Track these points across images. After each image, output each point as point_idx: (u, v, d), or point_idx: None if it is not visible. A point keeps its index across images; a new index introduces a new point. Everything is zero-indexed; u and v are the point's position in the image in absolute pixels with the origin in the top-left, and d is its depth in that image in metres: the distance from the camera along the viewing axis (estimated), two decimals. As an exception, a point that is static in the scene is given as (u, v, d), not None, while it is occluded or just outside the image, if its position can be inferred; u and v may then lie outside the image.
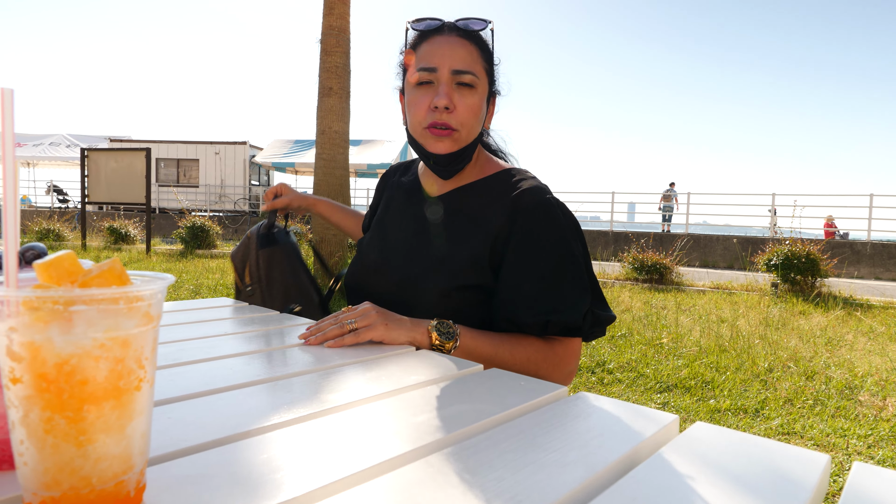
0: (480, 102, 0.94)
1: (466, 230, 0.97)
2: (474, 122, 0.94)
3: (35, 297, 0.31)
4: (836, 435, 2.31)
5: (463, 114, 0.93)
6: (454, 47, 0.93)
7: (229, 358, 0.74)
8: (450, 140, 0.94)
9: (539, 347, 0.89)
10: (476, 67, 0.93)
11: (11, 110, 0.29)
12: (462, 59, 0.92)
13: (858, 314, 5.05)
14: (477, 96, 0.94)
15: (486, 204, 0.98)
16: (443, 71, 0.92)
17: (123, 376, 0.34)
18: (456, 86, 0.93)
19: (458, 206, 1.00)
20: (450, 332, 0.85)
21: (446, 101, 0.91)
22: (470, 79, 0.92)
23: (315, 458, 0.45)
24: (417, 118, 0.95)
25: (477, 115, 0.94)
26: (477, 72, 0.93)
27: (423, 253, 0.98)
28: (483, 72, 0.95)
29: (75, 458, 0.33)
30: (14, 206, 0.32)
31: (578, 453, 0.47)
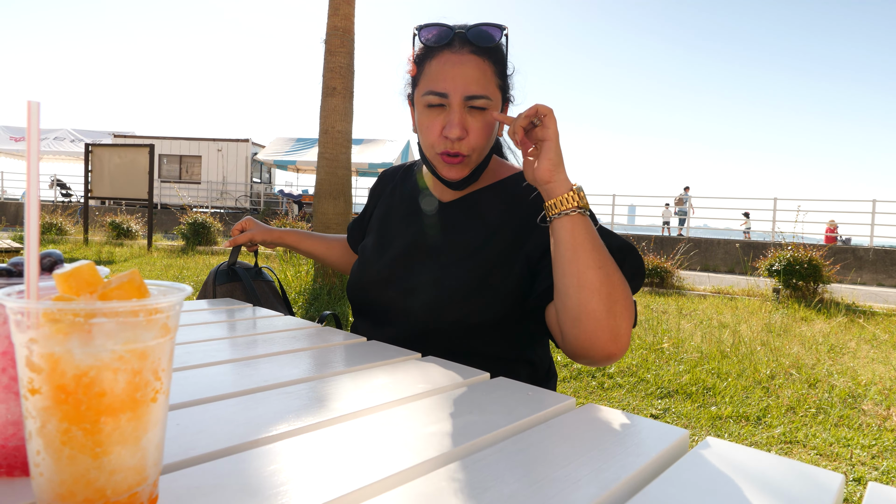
0: (491, 120, 0.91)
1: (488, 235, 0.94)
2: (486, 143, 0.92)
3: (56, 309, 0.31)
4: (840, 445, 2.31)
5: (475, 139, 0.90)
6: (466, 69, 0.87)
7: (236, 362, 0.74)
8: (461, 166, 0.92)
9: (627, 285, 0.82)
10: (489, 89, 0.89)
11: (38, 123, 0.28)
12: (475, 81, 0.87)
13: (861, 321, 5.04)
14: (488, 115, 0.90)
15: (505, 206, 0.96)
16: (454, 97, 0.87)
17: (140, 388, 0.34)
18: (468, 109, 0.89)
19: (473, 211, 0.98)
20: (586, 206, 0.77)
21: (459, 131, 0.87)
22: (483, 102, 0.88)
23: (324, 470, 0.44)
24: (429, 142, 0.92)
25: (489, 136, 0.92)
26: (490, 93, 0.89)
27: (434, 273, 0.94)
28: (496, 90, 0.91)
29: (91, 470, 0.33)
30: (36, 219, 0.32)
31: (590, 468, 0.47)
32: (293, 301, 4.59)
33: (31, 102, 0.28)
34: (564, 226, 0.76)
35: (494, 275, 0.91)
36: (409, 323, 0.94)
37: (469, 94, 0.87)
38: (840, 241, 13.34)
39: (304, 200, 17.27)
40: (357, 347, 0.85)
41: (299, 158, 17.60)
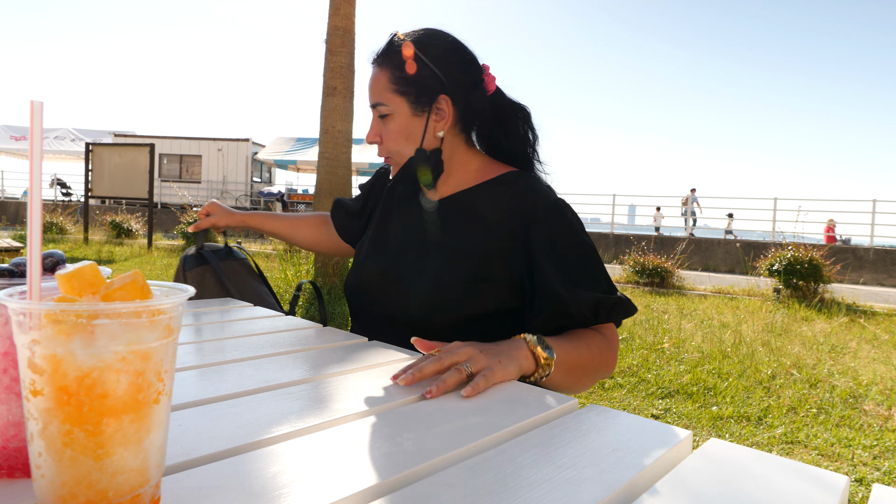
0: (402, 124, 0.96)
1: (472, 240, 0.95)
2: (400, 146, 0.98)
3: (59, 310, 0.31)
4: (841, 445, 2.31)
5: (388, 143, 0.98)
6: (371, 81, 0.98)
7: (238, 363, 0.74)
8: (394, 165, 1.01)
9: (597, 336, 0.88)
10: (384, 95, 0.96)
11: (41, 123, 0.28)
12: (373, 91, 0.97)
13: (862, 321, 5.04)
14: (396, 121, 0.96)
15: (495, 205, 0.97)
16: (371, 105, 0.99)
17: (143, 389, 0.34)
18: (380, 118, 0.98)
19: (461, 211, 0.99)
20: (548, 345, 0.77)
21: (370, 136, 0.99)
22: (383, 109, 0.97)
23: (327, 471, 0.44)
24: None
25: (402, 138, 0.97)
26: (386, 99, 0.96)
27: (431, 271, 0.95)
28: (393, 94, 0.95)
29: (93, 472, 0.33)
30: (39, 219, 0.32)
31: (593, 470, 0.46)
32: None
33: (34, 102, 0.28)
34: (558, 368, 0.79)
35: (490, 271, 0.92)
36: (406, 321, 0.95)
37: (371, 104, 0.98)
38: (840, 240, 13.33)
39: (294, 199, 17.22)
40: (359, 348, 0.85)
41: (300, 158, 17.60)
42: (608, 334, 0.91)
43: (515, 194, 0.97)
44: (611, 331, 0.92)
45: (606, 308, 0.89)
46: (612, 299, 0.88)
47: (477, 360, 0.69)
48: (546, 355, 0.75)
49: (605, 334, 0.91)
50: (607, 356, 0.89)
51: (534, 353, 0.75)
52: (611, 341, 0.91)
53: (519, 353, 0.74)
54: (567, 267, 0.90)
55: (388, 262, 1.02)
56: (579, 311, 0.87)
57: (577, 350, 0.82)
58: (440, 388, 0.63)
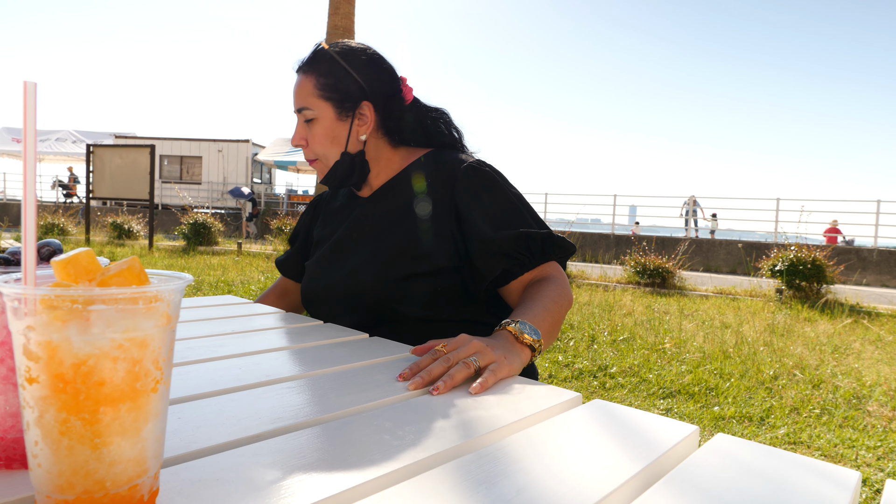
0: (328, 128, 1.00)
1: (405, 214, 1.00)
2: (327, 148, 1.01)
3: (54, 295, 0.30)
4: (845, 446, 2.29)
5: (314, 146, 1.01)
6: (296, 87, 1.01)
7: (237, 357, 0.73)
8: (318, 168, 1.04)
9: (549, 284, 0.91)
10: (308, 100, 0.99)
11: (35, 104, 0.28)
12: (298, 96, 1.00)
13: (866, 322, 5.02)
14: (322, 125, 0.99)
15: (417, 185, 1.02)
16: (296, 110, 1.02)
17: (140, 378, 0.33)
18: (305, 123, 1.01)
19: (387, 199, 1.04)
20: (532, 329, 0.79)
21: (296, 140, 1.02)
22: (308, 114, 1.00)
23: (327, 465, 0.44)
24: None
25: (327, 141, 1.00)
26: (310, 104, 0.99)
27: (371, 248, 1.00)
28: (318, 99, 0.99)
29: (90, 461, 0.32)
30: (33, 204, 0.31)
31: (600, 464, 0.46)
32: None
33: (27, 83, 0.27)
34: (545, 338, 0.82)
35: (416, 245, 0.96)
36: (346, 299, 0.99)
37: (296, 109, 1.01)
38: (843, 241, 13.28)
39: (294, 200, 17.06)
40: (358, 343, 0.84)
41: (300, 159, 17.60)
42: (553, 274, 0.94)
43: (437, 166, 1.02)
44: (554, 269, 0.95)
45: (538, 241, 0.92)
46: (540, 234, 0.93)
47: (485, 355, 0.69)
48: (533, 338, 0.77)
49: (552, 275, 0.94)
50: (565, 295, 0.91)
51: (524, 343, 0.77)
52: (559, 279, 0.93)
53: (515, 346, 0.75)
54: (492, 214, 0.95)
55: (319, 259, 1.07)
56: (511, 248, 0.91)
57: (548, 310, 0.85)
58: (447, 384, 0.63)
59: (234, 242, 10.42)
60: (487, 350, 0.70)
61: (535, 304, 0.85)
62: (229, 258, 8.02)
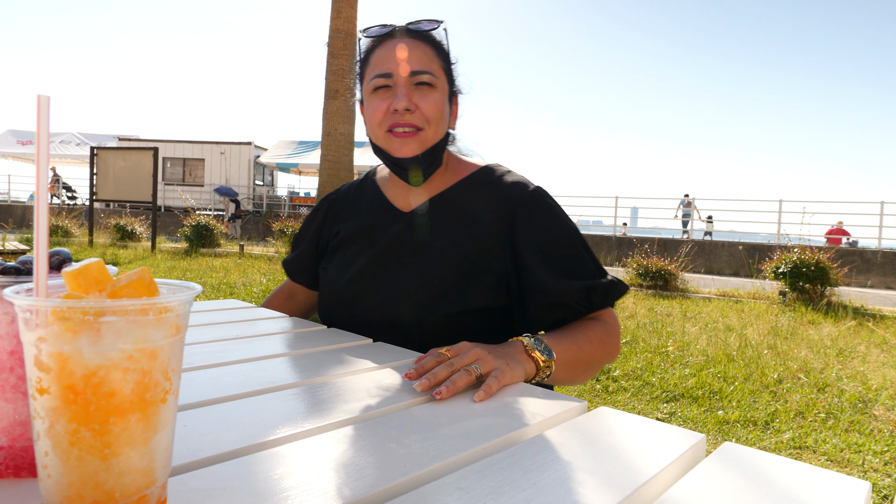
0: (442, 100, 0.93)
1: (458, 240, 0.93)
2: (439, 119, 0.92)
3: (65, 307, 0.30)
4: (851, 450, 2.28)
5: (427, 111, 0.90)
6: (408, 49, 0.92)
7: (242, 363, 0.73)
8: (415, 142, 0.91)
9: (597, 325, 0.88)
10: (432, 66, 0.92)
11: (48, 117, 0.28)
12: (417, 59, 0.91)
13: (870, 325, 5.00)
14: (437, 93, 0.92)
15: (474, 204, 0.95)
16: (399, 74, 0.90)
17: (150, 388, 0.33)
18: (415, 87, 0.91)
19: (439, 216, 0.96)
20: (547, 348, 0.76)
21: (405, 102, 0.89)
22: (428, 77, 0.91)
23: (334, 473, 0.44)
24: (375, 122, 0.92)
25: (441, 112, 0.92)
26: (434, 70, 0.92)
27: (418, 275, 0.92)
28: (440, 70, 0.93)
29: (99, 472, 0.33)
30: (45, 216, 0.31)
31: (607, 474, 0.46)
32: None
33: (41, 96, 0.27)
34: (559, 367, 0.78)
35: (476, 268, 0.91)
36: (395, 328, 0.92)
37: (413, 70, 0.90)
38: (848, 243, 13.22)
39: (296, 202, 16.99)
40: (364, 349, 0.84)
41: (302, 161, 17.64)
42: (607, 320, 0.91)
43: (493, 190, 0.96)
44: (609, 315, 0.92)
45: (599, 293, 0.89)
46: (603, 284, 0.89)
47: (486, 362, 0.68)
48: (545, 358, 0.75)
49: (605, 320, 0.90)
50: (609, 343, 0.88)
51: (532, 357, 0.75)
52: (611, 326, 0.90)
53: (521, 356, 0.74)
54: (554, 257, 0.90)
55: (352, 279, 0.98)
56: (572, 300, 0.87)
57: (578, 345, 0.82)
58: (450, 390, 0.63)
59: (236, 244, 10.44)
60: (489, 357, 0.69)
61: (565, 335, 0.83)
62: (231, 260, 8.03)
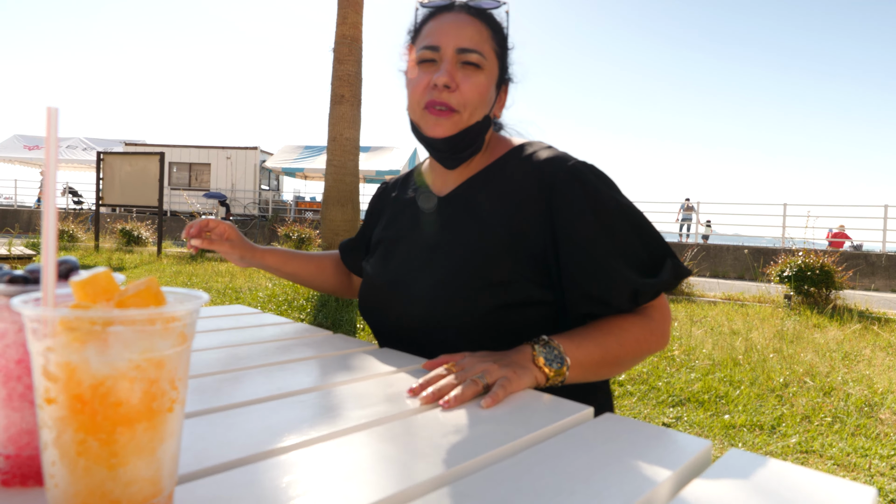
0: (488, 84, 0.88)
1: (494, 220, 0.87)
2: (479, 104, 0.87)
3: (73, 316, 0.30)
4: (857, 455, 2.26)
5: (467, 93, 0.86)
6: (461, 25, 0.87)
7: (249, 370, 0.74)
8: (449, 122, 0.87)
9: (638, 322, 0.82)
10: (484, 47, 0.87)
11: (56, 129, 0.28)
12: (469, 37, 0.86)
13: (876, 328, 4.97)
14: (483, 76, 0.87)
15: (507, 184, 0.89)
16: (446, 49, 0.86)
17: (157, 398, 0.34)
18: (460, 65, 0.86)
19: (473, 198, 0.91)
20: (558, 357, 0.73)
21: (446, 78, 0.84)
22: (476, 58, 0.86)
23: (340, 481, 0.44)
24: (415, 97, 0.89)
25: (483, 97, 0.87)
26: (485, 52, 0.87)
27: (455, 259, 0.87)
28: (492, 53, 0.88)
29: (106, 481, 0.33)
30: (53, 225, 0.32)
31: (613, 481, 0.45)
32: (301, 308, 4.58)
33: (50, 108, 0.28)
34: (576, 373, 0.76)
35: (491, 265, 0.84)
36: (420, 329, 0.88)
37: (462, 47, 0.86)
38: (852, 246, 13.15)
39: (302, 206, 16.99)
40: (370, 355, 0.84)
41: (307, 166, 17.70)
42: (652, 313, 0.83)
43: (530, 165, 0.88)
44: (656, 309, 0.84)
45: (648, 295, 0.80)
46: (652, 284, 0.80)
47: (492, 372, 0.68)
48: (553, 370, 0.72)
49: (649, 314, 0.83)
50: (650, 341, 0.82)
51: (537, 363, 0.72)
52: (654, 321, 0.83)
53: (528, 364, 0.72)
54: (594, 246, 0.81)
55: (394, 269, 0.95)
56: (612, 298, 0.80)
57: (603, 348, 0.77)
58: (457, 399, 0.62)
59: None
60: (494, 367, 0.68)
61: (589, 336, 0.78)
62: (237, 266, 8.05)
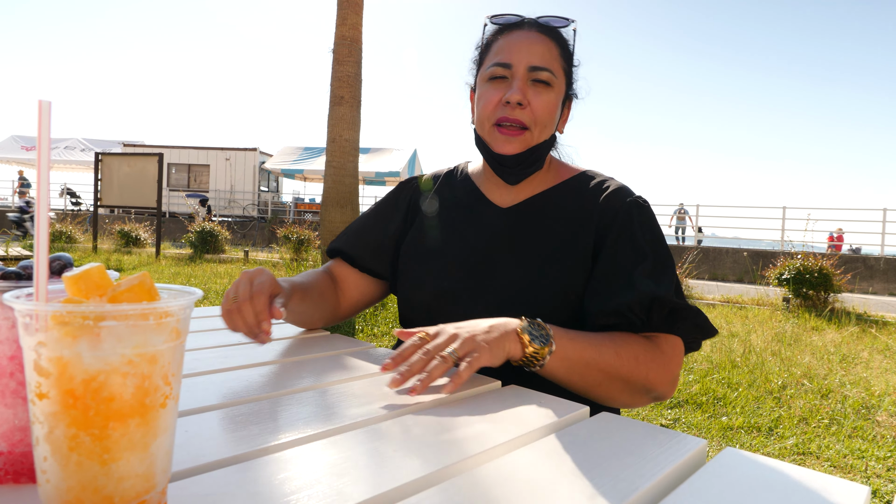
0: (556, 102, 0.90)
1: (563, 238, 0.88)
2: (548, 122, 0.89)
3: (65, 311, 0.30)
4: (854, 456, 2.27)
5: (538, 111, 0.87)
6: (532, 43, 0.88)
7: (245, 369, 0.73)
8: (519, 140, 0.88)
9: (645, 344, 0.78)
10: (554, 65, 0.89)
11: (49, 122, 0.28)
12: (540, 55, 0.88)
13: (873, 331, 4.97)
14: (553, 94, 0.89)
15: (575, 206, 0.91)
16: (518, 67, 0.87)
17: (150, 393, 0.33)
18: (531, 83, 0.88)
19: (542, 215, 0.92)
20: (543, 335, 0.71)
21: (519, 95, 0.86)
22: (547, 76, 0.87)
23: (335, 478, 0.43)
24: (486, 113, 0.90)
25: (552, 115, 0.89)
26: (555, 70, 0.89)
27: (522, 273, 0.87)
28: (561, 71, 0.91)
29: (99, 477, 0.33)
30: (45, 221, 0.32)
31: (607, 479, 0.45)
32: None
33: (42, 102, 0.28)
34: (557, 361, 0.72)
35: (560, 281, 0.85)
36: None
37: (534, 65, 0.87)
38: (850, 249, 13.19)
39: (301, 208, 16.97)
40: (367, 354, 0.84)
41: (307, 167, 17.71)
42: (663, 345, 0.79)
43: (596, 193, 0.91)
44: (669, 343, 0.80)
45: (665, 310, 0.78)
46: (673, 302, 0.78)
47: (464, 344, 0.66)
48: (536, 346, 0.69)
49: (658, 344, 0.79)
50: (651, 369, 0.76)
51: (520, 337, 0.70)
52: (665, 354, 0.78)
53: (507, 336, 0.69)
54: (627, 261, 0.82)
55: (455, 277, 0.92)
56: (629, 309, 0.78)
57: (597, 350, 0.74)
58: (425, 383, 0.62)
59: (240, 250, 10.47)
60: (468, 338, 0.67)
61: (587, 336, 0.75)
62: (236, 266, 8.05)
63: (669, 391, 0.79)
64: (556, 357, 0.72)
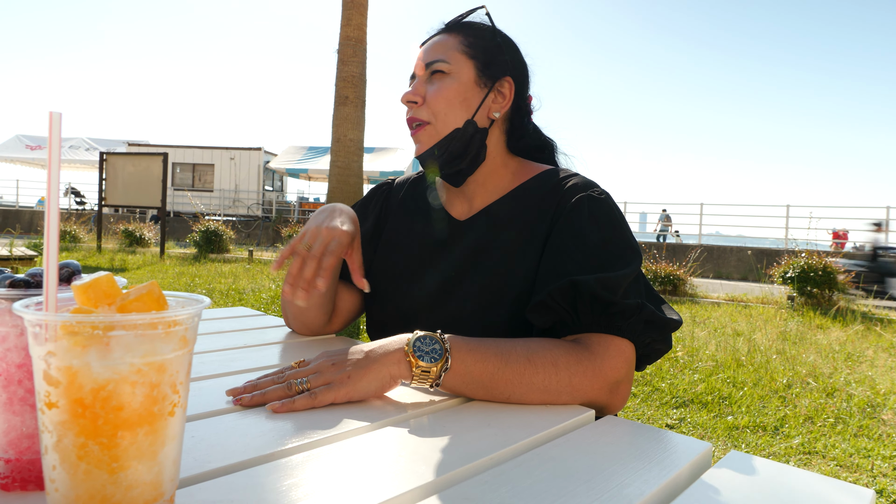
0: (457, 87, 0.84)
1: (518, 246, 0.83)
2: (450, 109, 0.84)
3: (75, 321, 0.30)
4: (860, 455, 2.26)
5: (433, 102, 0.84)
6: (429, 45, 0.88)
7: (250, 373, 0.74)
8: (424, 136, 0.85)
9: (569, 347, 0.68)
10: (449, 53, 0.85)
11: (59, 133, 0.28)
12: (432, 50, 0.86)
13: (878, 329, 4.95)
14: (451, 80, 0.84)
15: (533, 208, 0.85)
16: (418, 71, 0.87)
17: (158, 402, 0.34)
18: (429, 77, 0.86)
19: (497, 224, 0.86)
20: (436, 349, 0.63)
21: (410, 94, 0.85)
22: (440, 65, 0.84)
23: (341, 484, 0.44)
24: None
25: (450, 101, 0.84)
26: (450, 57, 0.85)
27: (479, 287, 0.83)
28: (461, 55, 0.85)
29: (107, 486, 0.33)
30: (56, 229, 0.32)
31: (612, 484, 0.45)
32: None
33: (52, 113, 0.28)
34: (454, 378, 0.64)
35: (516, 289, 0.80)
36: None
37: (427, 61, 0.86)
38: (854, 247, 13.12)
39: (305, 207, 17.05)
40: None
41: (311, 167, 17.73)
42: (593, 347, 0.68)
43: (553, 191, 0.85)
44: (602, 345, 0.69)
45: (590, 296, 0.68)
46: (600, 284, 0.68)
47: (320, 376, 0.62)
48: (425, 364, 0.62)
49: (588, 345, 0.69)
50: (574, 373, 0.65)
51: (407, 355, 0.63)
52: (595, 356, 0.67)
53: (388, 356, 0.63)
54: (564, 255, 0.75)
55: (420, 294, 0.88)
56: (552, 299, 0.70)
57: (503, 359, 0.64)
58: (254, 399, 0.60)
59: (245, 250, 10.49)
60: (329, 369, 0.63)
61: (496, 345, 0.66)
62: (240, 266, 8.06)
63: (609, 399, 0.67)
64: (454, 373, 0.63)
